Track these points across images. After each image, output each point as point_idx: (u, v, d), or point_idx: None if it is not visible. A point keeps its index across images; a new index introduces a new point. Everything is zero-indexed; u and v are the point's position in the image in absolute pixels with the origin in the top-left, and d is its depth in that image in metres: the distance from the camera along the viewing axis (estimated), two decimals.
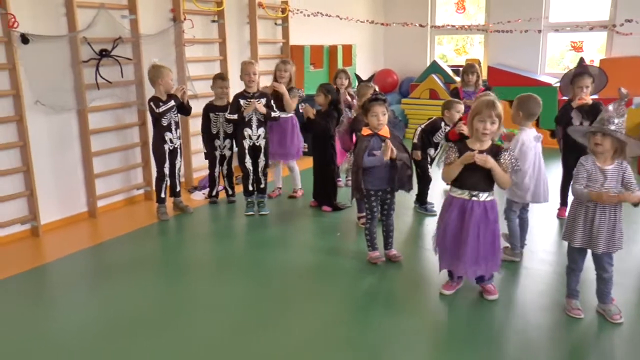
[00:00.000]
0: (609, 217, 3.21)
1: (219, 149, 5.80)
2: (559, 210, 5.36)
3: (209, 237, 5.16)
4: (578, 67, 5.05)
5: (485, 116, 3.37)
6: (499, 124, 3.41)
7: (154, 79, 5.25)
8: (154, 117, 5.25)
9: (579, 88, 4.92)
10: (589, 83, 4.92)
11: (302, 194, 6.11)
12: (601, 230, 3.21)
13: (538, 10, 9.25)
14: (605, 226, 3.21)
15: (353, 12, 9.32)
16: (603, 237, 3.21)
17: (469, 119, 3.48)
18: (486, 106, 3.37)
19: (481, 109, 3.38)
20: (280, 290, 3.96)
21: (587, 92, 4.92)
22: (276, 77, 5.90)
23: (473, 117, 3.43)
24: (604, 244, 3.22)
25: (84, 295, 3.95)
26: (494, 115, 3.36)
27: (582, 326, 3.35)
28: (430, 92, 9.22)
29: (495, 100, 3.43)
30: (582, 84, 4.90)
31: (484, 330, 3.40)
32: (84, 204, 5.51)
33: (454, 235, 3.53)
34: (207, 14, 6.64)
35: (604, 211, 3.20)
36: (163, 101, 5.24)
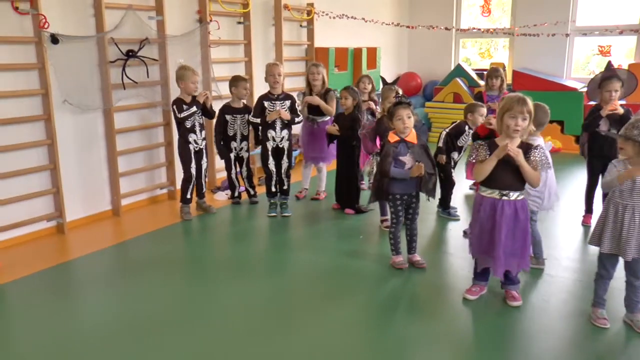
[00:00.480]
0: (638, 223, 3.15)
1: (235, 150, 5.81)
2: (583, 218, 5.28)
3: (231, 237, 5.18)
4: (606, 71, 4.96)
5: (516, 112, 3.33)
6: (529, 120, 3.38)
7: (177, 81, 5.31)
8: (177, 120, 5.29)
9: (608, 92, 4.82)
10: (618, 87, 4.81)
11: (325, 196, 6.11)
12: (631, 235, 3.15)
13: (565, 14, 9.16)
14: (636, 231, 3.15)
15: (378, 15, 9.31)
16: (633, 243, 3.15)
17: (498, 116, 3.45)
18: (517, 102, 3.34)
19: (512, 105, 3.34)
20: (301, 292, 3.96)
21: (615, 96, 4.82)
22: (309, 80, 5.88)
23: (503, 114, 3.39)
24: (634, 249, 3.16)
25: (107, 293, 3.98)
26: (525, 111, 3.33)
27: (607, 336, 3.29)
28: (454, 96, 9.18)
29: (526, 97, 3.39)
30: (610, 87, 4.81)
31: (507, 337, 3.36)
32: (108, 202, 5.57)
33: (489, 234, 3.51)
34: (233, 16, 6.68)
35: (634, 215, 3.15)
36: (187, 103, 5.27)
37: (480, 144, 3.52)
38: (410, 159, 4.03)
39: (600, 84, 4.91)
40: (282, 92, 5.43)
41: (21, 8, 4.57)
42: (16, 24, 4.61)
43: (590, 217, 5.24)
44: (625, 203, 3.17)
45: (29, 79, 4.75)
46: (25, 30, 4.67)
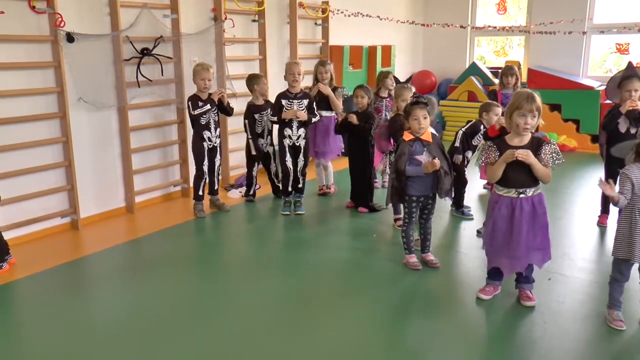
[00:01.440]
0: None
1: (262, 146, 5.85)
2: (599, 218, 5.22)
3: (245, 235, 5.19)
4: (627, 70, 4.88)
5: (525, 110, 3.31)
6: (539, 117, 3.36)
7: (193, 77, 5.32)
8: (191, 117, 5.30)
9: (627, 92, 4.74)
10: (638, 87, 4.72)
11: (335, 190, 6.13)
12: None
13: (582, 11, 9.05)
14: None
15: (393, 13, 9.28)
16: None
17: (507, 114, 3.43)
18: (526, 100, 3.32)
19: (521, 103, 3.32)
20: (315, 290, 3.95)
21: (635, 96, 4.74)
22: (317, 78, 5.93)
23: (512, 112, 3.37)
24: None
25: (120, 289, 4.01)
26: (534, 109, 3.32)
27: (624, 338, 3.25)
28: (468, 94, 9.12)
29: (534, 94, 3.38)
30: (630, 87, 4.72)
31: (521, 337, 3.34)
32: (122, 199, 5.60)
33: (504, 233, 3.49)
34: (247, 14, 6.69)
35: None
36: (203, 100, 5.28)
37: (490, 146, 3.51)
38: (425, 157, 4.01)
39: (619, 84, 4.83)
40: (301, 91, 5.42)
41: (38, 7, 4.61)
42: (33, 22, 4.65)
43: (607, 217, 5.19)
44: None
45: (45, 77, 4.79)
46: (42, 29, 4.71)
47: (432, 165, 3.94)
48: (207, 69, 5.31)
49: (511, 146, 3.40)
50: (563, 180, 6.25)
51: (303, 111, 5.33)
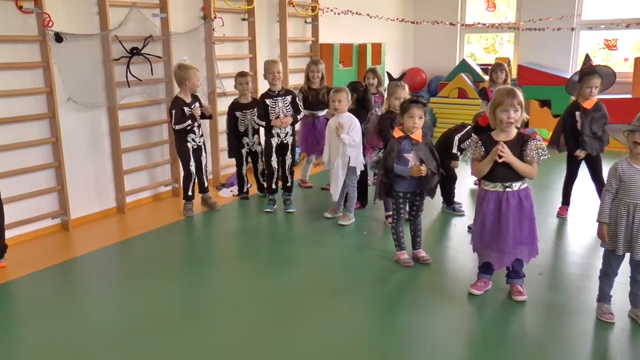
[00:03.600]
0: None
1: (247, 146, 5.83)
2: (559, 210, 5.36)
3: (235, 234, 5.18)
4: (587, 67, 4.98)
5: (507, 105, 3.35)
6: (522, 111, 3.40)
7: (180, 80, 5.27)
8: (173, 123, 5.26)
9: (588, 88, 4.89)
10: (598, 83, 4.88)
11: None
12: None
13: (570, 8, 9.10)
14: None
15: (383, 11, 9.29)
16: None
17: (490, 111, 3.47)
18: (507, 95, 3.36)
19: (503, 99, 3.37)
20: (307, 288, 3.96)
21: (595, 92, 4.89)
22: (309, 77, 6.00)
23: (495, 109, 3.41)
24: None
25: (111, 290, 4.00)
26: (515, 103, 3.36)
27: (613, 331, 3.28)
28: (459, 91, 9.14)
29: (515, 89, 3.42)
30: (591, 84, 4.88)
31: (513, 331, 3.37)
32: (112, 199, 5.59)
33: (493, 227, 3.52)
34: (237, 12, 6.68)
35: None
36: (187, 104, 5.27)
37: (476, 142, 3.53)
38: (413, 156, 4.03)
39: (580, 79, 4.95)
40: (283, 88, 5.42)
41: (25, 7, 4.58)
42: (20, 22, 4.62)
43: (567, 209, 5.31)
44: (636, 202, 3.15)
45: (34, 78, 4.77)
46: (30, 28, 4.68)
47: (418, 171, 3.96)
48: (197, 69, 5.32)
49: (497, 142, 3.43)
50: (552, 176, 6.28)
51: (288, 109, 5.34)
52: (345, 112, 5.09)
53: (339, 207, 5.36)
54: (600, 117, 4.94)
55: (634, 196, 3.15)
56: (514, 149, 3.41)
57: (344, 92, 5.09)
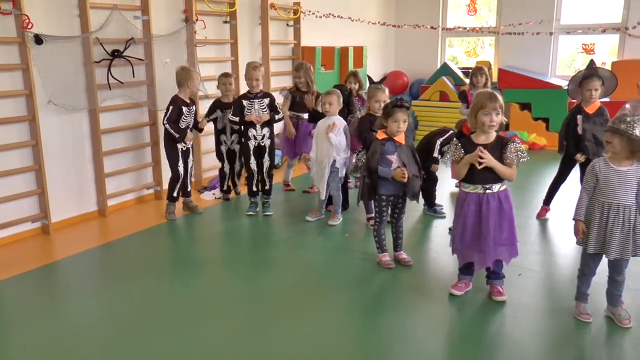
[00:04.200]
0: (625, 221, 3.18)
1: (225, 144, 5.87)
2: (540, 211, 5.41)
3: (218, 237, 5.17)
4: (587, 70, 5.00)
5: (490, 109, 3.40)
6: (502, 114, 3.46)
7: (182, 82, 5.28)
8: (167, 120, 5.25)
9: (588, 91, 4.88)
10: (598, 86, 4.86)
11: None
12: (614, 235, 3.18)
13: (549, 12, 9.22)
14: (617, 230, 3.18)
15: (365, 14, 9.33)
16: (616, 243, 3.19)
17: (472, 113, 3.50)
18: (489, 99, 3.41)
19: (485, 103, 3.41)
20: (287, 291, 3.96)
21: (596, 95, 4.88)
22: (295, 83, 6.10)
23: (477, 112, 3.45)
24: (617, 249, 3.20)
25: (93, 294, 3.97)
26: (497, 107, 3.41)
27: (590, 330, 3.34)
28: (440, 94, 9.22)
29: (495, 92, 3.48)
30: (591, 86, 4.86)
31: (493, 331, 3.41)
32: (94, 202, 5.55)
33: (474, 229, 3.56)
34: (219, 15, 6.68)
35: (617, 214, 3.18)
36: (187, 104, 5.28)
37: (456, 144, 3.57)
38: (397, 158, 4.06)
39: (581, 82, 4.96)
40: (261, 91, 5.43)
41: (3, 8, 4.53)
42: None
43: (547, 210, 5.38)
44: (610, 202, 3.20)
45: (13, 80, 4.72)
46: (8, 30, 4.64)
47: (401, 175, 3.98)
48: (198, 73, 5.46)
49: (477, 144, 3.48)
50: (532, 178, 6.35)
51: (265, 111, 5.36)
52: (336, 115, 5.12)
53: (321, 210, 5.38)
54: (602, 122, 4.84)
55: (608, 195, 3.20)
56: (494, 151, 3.46)
57: (335, 95, 5.11)
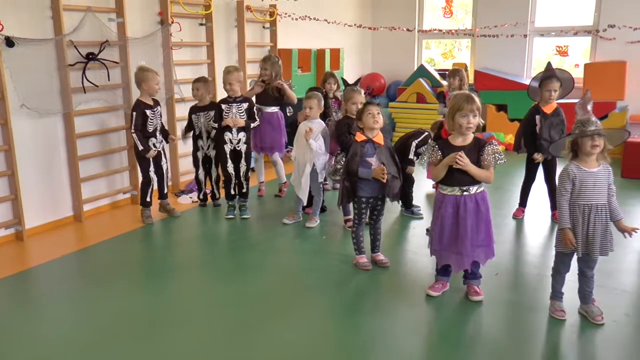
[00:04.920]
0: (602, 221, 3.27)
1: (202, 149, 5.80)
2: (515, 211, 5.50)
3: (194, 241, 5.14)
4: (547, 71, 5.19)
5: (467, 111, 3.43)
6: (479, 116, 3.49)
7: (138, 83, 5.24)
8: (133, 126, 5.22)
9: (547, 91, 5.06)
10: (557, 87, 5.06)
11: (287, 187, 6.20)
12: (596, 234, 3.26)
13: (524, 15, 9.32)
14: (599, 229, 3.26)
15: (341, 17, 9.35)
16: (598, 241, 3.27)
17: (449, 115, 3.53)
18: (466, 101, 3.44)
19: (462, 105, 3.44)
20: (265, 294, 3.95)
21: (554, 95, 5.07)
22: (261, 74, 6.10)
23: (454, 114, 3.48)
24: (599, 248, 3.28)
25: (69, 301, 3.91)
26: (474, 108, 3.44)
27: (565, 327, 3.39)
28: (417, 96, 9.27)
29: (472, 94, 3.51)
30: (550, 87, 5.05)
31: (470, 331, 3.44)
32: (69, 208, 5.48)
33: (451, 231, 3.58)
34: (194, 17, 6.64)
35: (597, 214, 3.26)
36: (150, 106, 5.23)
37: (433, 146, 3.60)
38: (376, 160, 4.07)
39: (540, 84, 5.14)
40: (241, 96, 5.43)
41: None
42: None
43: (523, 210, 5.48)
44: (590, 203, 3.26)
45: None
46: None
47: (382, 172, 3.99)
48: (156, 72, 5.30)
49: (454, 146, 3.51)
50: (508, 178, 6.42)
51: (242, 115, 5.34)
52: (317, 119, 5.13)
53: (298, 212, 5.38)
54: (558, 123, 5.10)
55: (587, 198, 3.26)
56: (471, 153, 3.48)
57: (316, 99, 5.13)
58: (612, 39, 8.59)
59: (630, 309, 3.63)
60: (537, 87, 5.17)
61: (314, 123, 5.09)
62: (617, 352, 3.16)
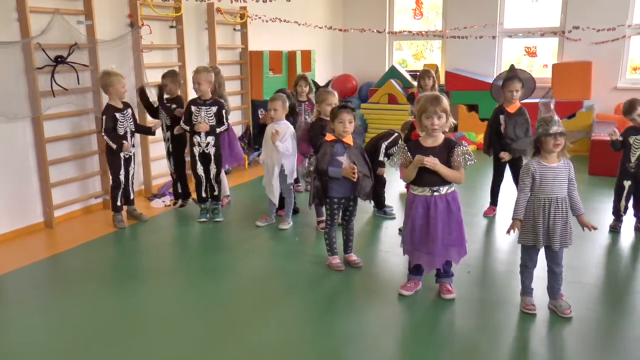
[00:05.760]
0: (562, 213, 3.37)
1: (167, 141, 5.80)
2: (486, 210, 5.61)
3: (167, 244, 5.12)
4: (509, 72, 5.33)
5: (431, 112, 3.47)
6: (447, 117, 3.51)
7: (105, 87, 5.20)
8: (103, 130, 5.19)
9: (510, 92, 5.21)
10: (519, 87, 5.22)
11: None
12: (557, 227, 3.36)
13: (493, 17, 9.46)
14: (559, 222, 3.36)
15: (311, 18, 9.37)
16: (558, 234, 3.37)
17: (417, 117, 3.58)
18: (430, 103, 3.48)
19: (427, 107, 3.48)
20: (238, 297, 3.95)
21: (517, 96, 5.22)
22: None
23: (420, 115, 3.52)
24: (560, 240, 3.38)
25: (39, 309, 3.85)
26: (439, 110, 3.47)
27: (535, 322, 3.46)
28: (389, 97, 9.33)
29: (439, 95, 3.55)
30: (512, 87, 5.21)
31: (443, 328, 3.50)
32: (39, 214, 5.39)
33: (422, 231, 3.62)
34: (165, 20, 6.60)
35: (557, 207, 3.36)
36: (119, 110, 5.19)
37: (403, 148, 3.64)
38: (346, 159, 4.09)
39: (502, 85, 5.28)
40: (212, 98, 5.40)
41: None
42: None
43: (493, 209, 5.59)
44: (550, 197, 3.36)
45: None
46: None
47: (351, 170, 4.01)
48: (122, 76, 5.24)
49: (425, 147, 3.55)
50: (479, 177, 6.50)
51: (211, 119, 5.32)
52: (283, 120, 5.13)
53: (271, 215, 5.38)
54: (523, 122, 5.24)
55: (548, 191, 3.37)
56: (441, 154, 3.52)
57: (280, 101, 5.12)
58: (577, 40, 8.77)
59: (597, 302, 3.73)
60: (500, 88, 5.31)
61: (280, 125, 5.10)
62: (584, 343, 3.24)
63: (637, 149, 4.84)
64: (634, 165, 4.87)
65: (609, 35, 8.52)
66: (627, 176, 4.96)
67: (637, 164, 4.85)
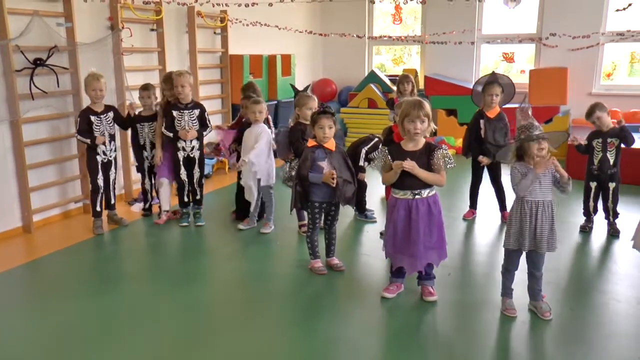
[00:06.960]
0: (548, 217, 3.42)
1: (147, 160, 5.66)
2: (466, 213, 5.69)
3: (147, 249, 5.08)
4: (489, 77, 5.43)
5: (414, 117, 3.51)
6: (429, 122, 3.56)
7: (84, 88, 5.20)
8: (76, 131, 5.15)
9: (490, 96, 5.30)
10: (499, 92, 5.31)
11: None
12: (544, 231, 3.41)
13: (471, 23, 9.57)
14: (547, 226, 3.41)
15: (292, 23, 9.39)
16: (545, 237, 3.41)
17: (399, 121, 3.62)
18: (413, 107, 3.52)
19: (409, 111, 3.52)
20: (220, 301, 3.95)
21: (496, 100, 5.31)
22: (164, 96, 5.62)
23: (403, 120, 3.56)
24: (547, 244, 3.43)
25: (17, 315, 3.80)
26: (422, 115, 3.51)
27: (516, 324, 3.51)
28: (368, 101, 9.38)
29: (422, 100, 3.58)
30: (492, 92, 5.30)
31: (425, 330, 3.53)
32: (18, 218, 5.33)
33: (404, 234, 3.65)
34: (145, 23, 6.57)
35: (544, 210, 3.41)
36: (96, 112, 5.17)
37: (384, 152, 3.67)
38: (327, 164, 4.12)
39: (482, 89, 5.38)
40: (192, 101, 5.37)
41: None
42: None
43: (473, 212, 5.67)
44: (537, 200, 3.41)
45: None
46: None
47: (331, 176, 4.03)
48: (97, 77, 5.17)
49: (406, 151, 3.59)
50: (458, 181, 6.57)
51: (194, 123, 5.30)
52: (261, 124, 5.14)
53: (253, 218, 5.38)
54: (502, 127, 5.33)
55: (534, 195, 3.42)
56: (422, 158, 3.57)
57: (264, 103, 5.16)
58: (554, 47, 8.92)
59: (576, 304, 3.79)
60: (480, 92, 5.39)
61: (259, 127, 5.11)
62: (564, 346, 3.29)
63: (599, 152, 4.99)
64: (597, 167, 5.01)
65: (584, 42, 8.70)
66: (592, 178, 5.13)
67: (599, 166, 4.99)
